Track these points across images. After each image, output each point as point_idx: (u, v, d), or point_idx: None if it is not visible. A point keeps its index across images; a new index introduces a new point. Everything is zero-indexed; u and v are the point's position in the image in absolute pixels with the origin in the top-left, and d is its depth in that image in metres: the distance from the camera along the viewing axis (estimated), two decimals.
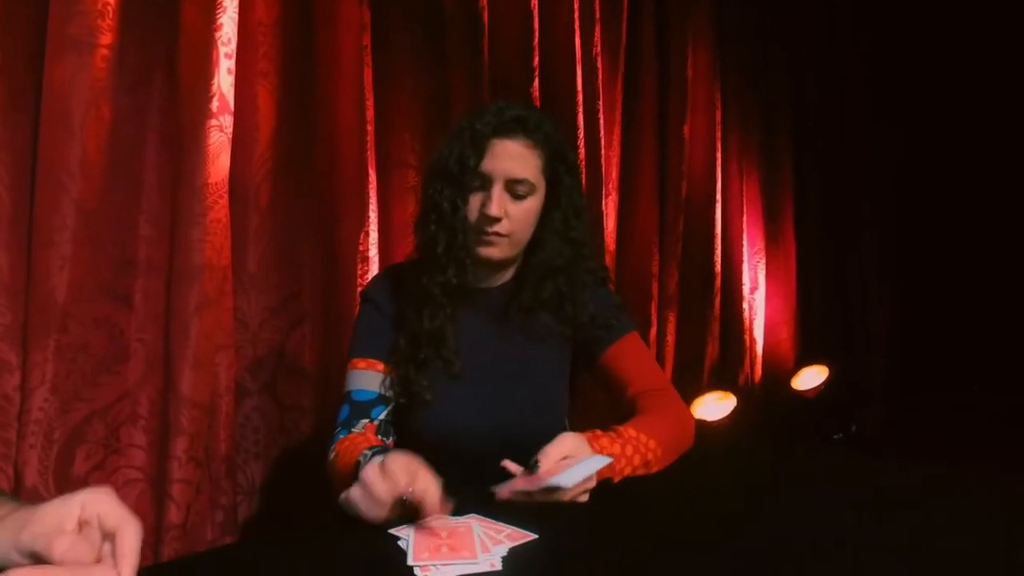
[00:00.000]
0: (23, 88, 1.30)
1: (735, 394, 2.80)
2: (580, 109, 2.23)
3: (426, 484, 0.83)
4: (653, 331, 2.63)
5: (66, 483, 1.39)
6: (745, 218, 3.06)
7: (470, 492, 0.92)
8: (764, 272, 3.17)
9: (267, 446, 1.69)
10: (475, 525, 0.83)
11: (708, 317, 2.84)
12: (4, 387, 1.33)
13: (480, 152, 1.16)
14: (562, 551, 0.80)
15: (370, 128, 1.73)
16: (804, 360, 3.22)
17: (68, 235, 1.35)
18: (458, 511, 0.87)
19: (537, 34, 2.12)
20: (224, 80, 1.48)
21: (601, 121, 2.32)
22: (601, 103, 2.33)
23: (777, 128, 3.22)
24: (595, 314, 1.24)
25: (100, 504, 0.64)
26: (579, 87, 2.22)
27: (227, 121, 1.50)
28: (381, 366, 1.22)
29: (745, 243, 3.05)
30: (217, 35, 1.45)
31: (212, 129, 1.47)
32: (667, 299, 2.67)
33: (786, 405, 3.13)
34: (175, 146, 1.47)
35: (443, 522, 0.84)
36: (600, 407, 1.59)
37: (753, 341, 3.07)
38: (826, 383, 3.13)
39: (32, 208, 1.32)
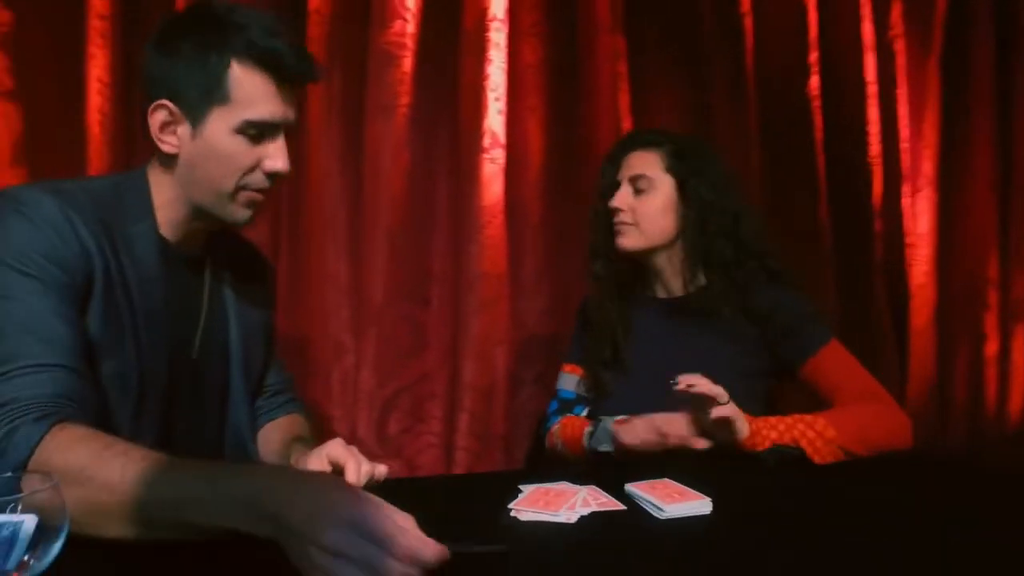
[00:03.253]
0: (352, 142, 1.77)
1: None
2: (872, 101, 2.06)
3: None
4: (992, 347, 2.25)
5: (384, 440, 1.83)
6: None
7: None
8: None
9: (539, 430, 1.95)
10: (582, 491, 0.96)
11: None
12: (345, 364, 1.82)
13: (616, 165, 1.39)
14: (636, 524, 0.89)
15: None
16: None
17: (382, 253, 1.79)
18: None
19: (814, 27, 2.04)
20: (494, 120, 1.79)
21: (902, 111, 2.10)
22: (903, 91, 2.11)
23: None
24: (787, 325, 1.28)
25: (331, 449, 0.99)
26: (869, 77, 2.05)
27: (498, 154, 1.81)
28: (580, 371, 1.46)
29: None
30: (486, 83, 1.77)
31: (485, 161, 1.79)
32: (1012, 309, 2.25)
33: None
34: (457, 178, 1.83)
35: (563, 486, 0.97)
36: None
37: None
38: None
39: (359, 232, 1.79)
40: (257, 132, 0.96)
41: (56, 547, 0.57)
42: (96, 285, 0.90)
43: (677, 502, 0.92)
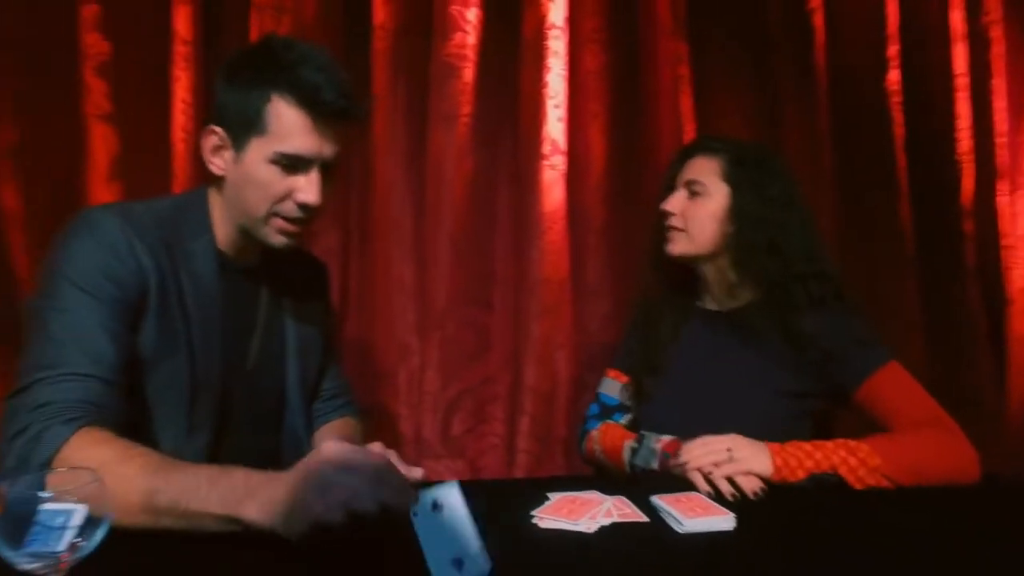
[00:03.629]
0: (416, 151, 1.84)
1: None
2: (961, 94, 1.93)
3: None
4: None
5: (448, 441, 1.89)
6: None
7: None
8: None
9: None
10: (608, 501, 0.96)
11: None
12: (411, 365, 1.88)
13: (676, 170, 1.36)
14: (654, 537, 0.89)
15: None
16: None
17: (445, 258, 1.84)
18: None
19: (894, 19, 1.93)
20: (554, 127, 1.81)
21: (999, 104, 1.95)
22: (1000, 82, 1.96)
23: None
24: (832, 351, 1.22)
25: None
26: (959, 69, 1.93)
27: (558, 160, 1.82)
28: (625, 378, 1.44)
29: None
30: (544, 92, 1.79)
31: (545, 168, 1.81)
32: None
33: None
34: (518, 184, 1.86)
35: (590, 496, 0.98)
36: None
37: None
38: None
39: (423, 237, 1.85)
40: (290, 164, 1.02)
41: (100, 533, 0.64)
42: (151, 299, 0.99)
43: (699, 516, 0.91)
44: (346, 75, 1.05)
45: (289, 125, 1.01)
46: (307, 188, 1.03)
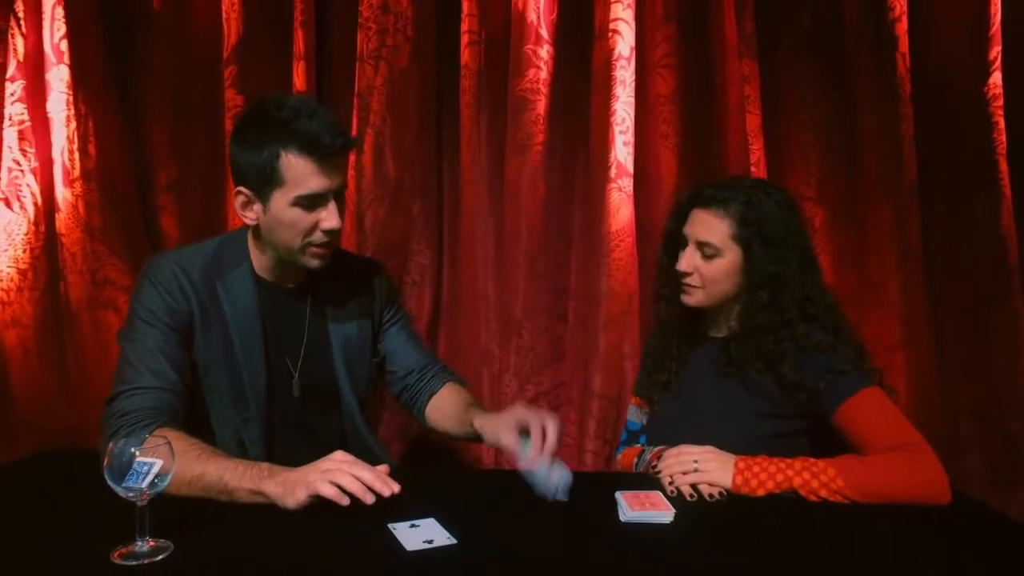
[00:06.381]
0: (496, 178, 2.03)
1: None
2: None
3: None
4: None
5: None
6: None
7: None
8: None
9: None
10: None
11: None
12: (492, 369, 2.09)
13: (682, 219, 1.42)
14: (596, 523, 1.04)
15: (754, 171, 1.90)
16: None
17: (521, 273, 2.02)
18: None
19: (996, 19, 1.82)
20: (620, 151, 1.92)
21: None
22: None
23: None
24: (814, 388, 1.27)
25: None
26: None
27: (625, 183, 1.93)
28: (642, 402, 1.57)
29: None
30: (612, 119, 1.90)
31: (612, 190, 1.93)
32: None
33: None
34: (588, 205, 1.99)
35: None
36: None
37: None
38: None
39: (501, 254, 2.05)
40: (309, 203, 1.26)
41: (168, 478, 0.95)
42: (195, 321, 1.28)
43: (643, 510, 1.04)
44: (332, 115, 1.26)
45: (301, 173, 1.23)
46: (328, 217, 1.27)
